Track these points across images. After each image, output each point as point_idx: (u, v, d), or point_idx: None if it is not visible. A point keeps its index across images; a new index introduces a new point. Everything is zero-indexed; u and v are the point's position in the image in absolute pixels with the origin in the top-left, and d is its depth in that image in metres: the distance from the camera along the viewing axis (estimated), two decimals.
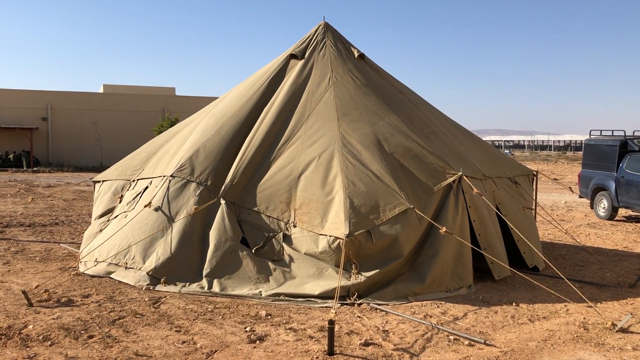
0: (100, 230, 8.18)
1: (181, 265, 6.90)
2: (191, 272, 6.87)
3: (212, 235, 7.06)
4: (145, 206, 7.38)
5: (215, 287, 6.66)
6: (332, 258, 6.59)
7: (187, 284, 6.74)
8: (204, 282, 6.75)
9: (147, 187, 8.07)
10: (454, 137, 8.85)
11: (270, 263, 6.85)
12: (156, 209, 7.38)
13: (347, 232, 6.38)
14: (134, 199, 8.11)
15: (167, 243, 7.03)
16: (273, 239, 6.99)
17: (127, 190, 8.47)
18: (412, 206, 6.83)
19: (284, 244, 6.93)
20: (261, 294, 6.51)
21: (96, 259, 7.46)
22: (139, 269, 6.99)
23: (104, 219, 8.44)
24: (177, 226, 7.12)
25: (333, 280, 6.40)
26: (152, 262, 6.95)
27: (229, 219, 7.14)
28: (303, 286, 6.54)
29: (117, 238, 7.42)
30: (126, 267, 7.11)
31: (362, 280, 6.41)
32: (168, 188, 7.51)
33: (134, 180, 8.49)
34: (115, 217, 8.14)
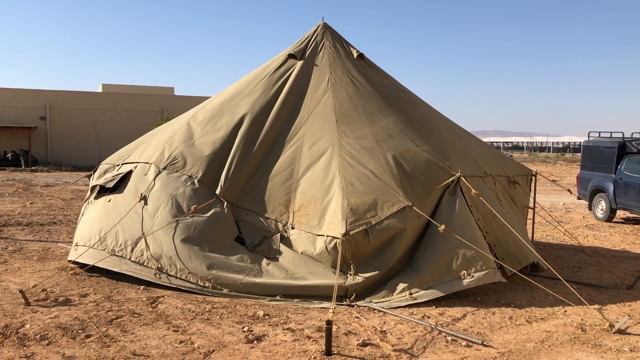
0: (83, 214, 8.11)
1: (172, 255, 6.80)
2: (183, 262, 6.77)
3: (206, 226, 7.00)
4: (139, 199, 7.35)
5: (207, 274, 6.59)
6: (329, 259, 6.59)
7: (178, 272, 6.68)
8: (198, 269, 6.65)
9: (131, 171, 8.00)
10: (454, 134, 8.82)
11: (265, 259, 6.83)
12: (145, 198, 7.36)
13: (344, 232, 6.38)
14: (114, 177, 8.01)
15: (156, 233, 6.96)
16: (271, 239, 6.99)
17: (110, 172, 8.40)
18: (411, 204, 6.82)
19: (281, 244, 6.92)
20: (257, 280, 6.48)
21: (77, 243, 7.36)
22: (128, 258, 6.92)
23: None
24: (167, 217, 7.07)
25: (329, 279, 6.40)
26: (141, 252, 6.91)
27: (226, 216, 7.13)
28: (298, 279, 6.52)
29: (102, 223, 7.32)
30: (113, 254, 7.02)
31: (359, 281, 6.41)
32: (159, 179, 7.49)
33: (118, 165, 8.43)
34: (97, 200, 8.02)
